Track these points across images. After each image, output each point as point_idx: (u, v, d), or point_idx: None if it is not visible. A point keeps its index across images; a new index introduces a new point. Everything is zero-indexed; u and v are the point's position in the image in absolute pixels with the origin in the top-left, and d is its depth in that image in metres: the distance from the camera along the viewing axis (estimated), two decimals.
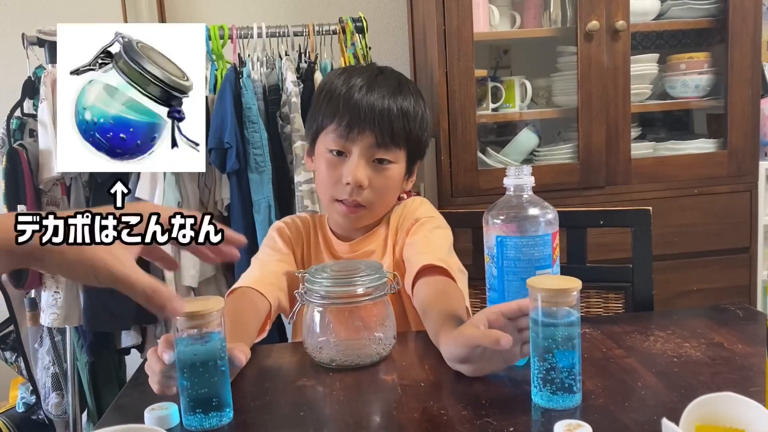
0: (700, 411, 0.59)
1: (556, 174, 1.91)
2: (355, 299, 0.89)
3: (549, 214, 0.84)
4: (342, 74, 1.15)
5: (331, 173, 1.11)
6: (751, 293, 2.00)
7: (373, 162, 1.10)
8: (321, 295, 0.89)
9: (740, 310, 1.04)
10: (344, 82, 1.11)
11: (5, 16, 2.23)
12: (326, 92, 1.13)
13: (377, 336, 0.91)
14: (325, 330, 0.91)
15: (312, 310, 0.92)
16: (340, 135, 1.09)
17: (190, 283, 1.80)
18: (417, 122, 1.13)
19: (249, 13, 2.28)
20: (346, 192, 1.10)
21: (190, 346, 0.73)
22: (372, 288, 0.89)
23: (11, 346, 1.99)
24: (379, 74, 1.14)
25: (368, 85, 1.10)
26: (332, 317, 0.91)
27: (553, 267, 0.83)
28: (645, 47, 2.21)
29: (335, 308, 0.90)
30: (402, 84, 1.14)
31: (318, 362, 0.90)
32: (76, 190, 1.80)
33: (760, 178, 1.97)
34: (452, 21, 1.82)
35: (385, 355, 0.91)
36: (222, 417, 0.75)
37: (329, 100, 1.11)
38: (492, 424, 0.70)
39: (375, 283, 0.90)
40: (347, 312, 0.90)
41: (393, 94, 1.10)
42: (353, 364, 0.89)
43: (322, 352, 0.90)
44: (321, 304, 0.90)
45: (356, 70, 1.15)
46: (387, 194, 1.14)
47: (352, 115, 1.08)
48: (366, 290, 0.89)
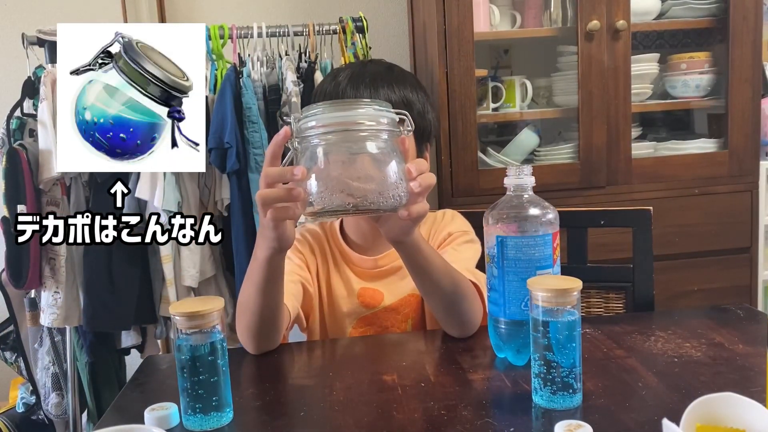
0: (700, 411, 0.59)
1: (556, 174, 1.91)
2: (358, 126, 0.76)
3: (549, 214, 0.84)
4: (330, 73, 1.14)
5: None
6: (751, 293, 2.00)
7: None
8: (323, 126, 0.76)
9: (741, 310, 1.04)
10: (331, 80, 1.10)
11: (5, 16, 2.23)
12: (318, 95, 1.12)
13: (392, 174, 0.77)
14: (335, 167, 0.76)
15: (313, 150, 0.77)
16: None
17: (190, 283, 1.80)
18: (414, 106, 1.08)
19: (249, 13, 2.28)
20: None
21: (190, 346, 0.73)
22: (377, 116, 0.77)
23: (11, 346, 1.99)
24: (368, 63, 1.13)
25: (357, 75, 1.08)
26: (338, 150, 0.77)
27: (553, 267, 0.83)
28: (645, 47, 2.21)
29: (342, 135, 0.76)
30: (393, 68, 1.11)
31: (332, 211, 0.76)
32: (76, 190, 1.80)
33: (760, 178, 1.97)
34: (452, 21, 1.82)
35: (400, 200, 0.77)
36: (222, 417, 0.75)
37: (323, 96, 1.10)
38: (492, 424, 0.70)
39: (381, 116, 0.77)
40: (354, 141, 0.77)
41: (383, 79, 1.07)
42: (374, 206, 0.75)
43: (333, 196, 0.75)
44: (322, 136, 0.76)
45: (345, 66, 1.14)
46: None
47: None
48: (370, 117, 0.76)
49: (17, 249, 1.71)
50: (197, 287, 1.83)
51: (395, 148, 0.79)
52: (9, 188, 1.71)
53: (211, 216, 1.58)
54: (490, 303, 0.88)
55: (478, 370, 0.87)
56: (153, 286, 1.86)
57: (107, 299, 1.77)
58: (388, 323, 1.13)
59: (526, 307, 0.82)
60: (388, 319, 1.14)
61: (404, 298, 1.14)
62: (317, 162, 0.76)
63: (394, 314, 1.14)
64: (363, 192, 0.75)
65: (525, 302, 0.82)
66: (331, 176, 0.75)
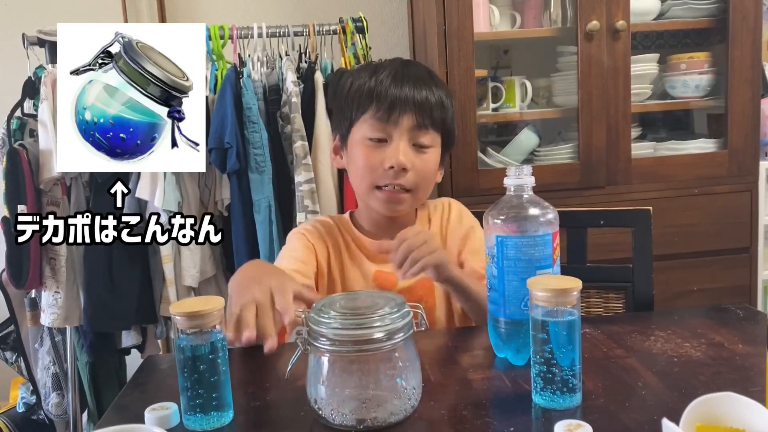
0: (700, 411, 0.59)
1: (556, 174, 1.91)
2: (372, 344, 0.70)
3: (549, 214, 0.83)
4: (365, 70, 1.15)
5: (371, 159, 1.10)
6: (751, 293, 2.00)
7: (413, 146, 1.10)
8: (330, 339, 0.71)
9: (740, 310, 1.04)
10: (371, 76, 1.12)
11: (5, 16, 2.23)
12: (355, 89, 1.13)
13: (401, 386, 0.73)
14: (338, 382, 0.72)
15: (318, 357, 0.73)
16: (380, 119, 1.09)
17: (191, 283, 1.80)
18: (449, 112, 1.14)
19: (249, 13, 2.28)
20: (389, 177, 1.09)
21: (191, 346, 0.73)
22: (394, 329, 0.71)
23: (11, 346, 1.99)
24: (408, 65, 1.15)
25: (401, 73, 1.11)
26: (345, 366, 0.72)
27: (553, 267, 0.83)
28: (645, 47, 2.21)
29: (348, 356, 0.71)
30: (432, 75, 1.16)
31: (332, 425, 0.72)
32: (76, 190, 1.80)
33: (760, 178, 1.97)
34: (452, 21, 1.82)
35: (414, 408, 0.74)
36: (222, 417, 0.75)
37: (361, 95, 1.11)
38: (492, 424, 0.70)
39: (398, 323, 0.72)
40: (363, 359, 0.72)
41: (425, 83, 1.11)
42: (380, 424, 0.71)
43: (335, 410, 0.72)
44: (330, 350, 0.71)
45: (380, 65, 1.15)
46: (427, 179, 1.14)
47: (392, 99, 1.08)
48: (386, 332, 0.71)
49: (18, 249, 1.71)
50: (197, 287, 1.84)
51: (411, 347, 0.75)
52: (9, 188, 1.71)
53: (211, 216, 1.59)
54: (489, 303, 0.88)
55: (478, 370, 0.87)
56: (153, 286, 1.86)
57: (107, 299, 1.77)
58: None
59: (525, 307, 0.82)
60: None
61: (419, 281, 1.14)
62: (323, 371, 0.72)
63: (409, 296, 1.13)
64: (371, 413, 0.72)
65: (525, 302, 0.82)
66: (338, 392, 0.72)
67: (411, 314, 0.75)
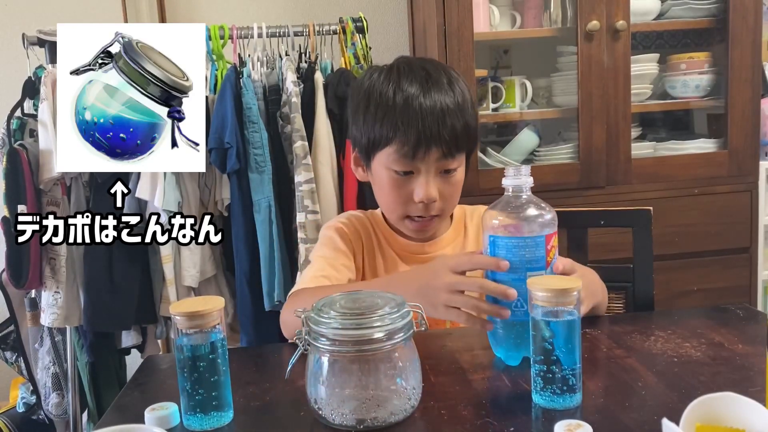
0: (700, 411, 0.59)
1: (556, 174, 1.91)
2: (372, 344, 0.70)
3: (546, 215, 0.82)
4: (388, 78, 1.07)
5: (400, 192, 1.07)
6: (751, 293, 2.00)
7: (440, 174, 1.07)
8: (330, 339, 0.71)
9: (740, 310, 1.04)
10: (395, 90, 1.04)
11: (5, 16, 2.23)
12: (376, 101, 1.06)
13: (401, 386, 0.73)
14: (338, 382, 0.72)
15: (318, 357, 0.73)
16: (406, 155, 1.03)
17: (191, 283, 1.80)
18: (471, 114, 1.08)
19: (249, 13, 2.28)
20: (419, 210, 1.07)
21: (191, 346, 0.73)
22: (394, 329, 0.71)
23: (12, 346, 1.99)
24: (429, 78, 1.06)
25: (424, 94, 1.03)
26: (347, 365, 0.72)
27: (546, 269, 0.82)
28: (645, 47, 2.21)
29: (348, 356, 0.71)
30: (451, 78, 1.08)
31: (332, 425, 0.72)
32: (76, 190, 1.80)
33: (760, 178, 1.97)
34: (452, 21, 1.82)
35: (414, 408, 0.74)
36: (222, 417, 0.75)
37: (385, 114, 1.04)
38: (492, 424, 0.70)
39: (398, 323, 0.72)
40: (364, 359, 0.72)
41: (447, 94, 1.05)
42: (380, 424, 0.71)
43: (335, 410, 0.72)
44: (330, 350, 0.71)
45: (403, 74, 1.07)
46: (455, 198, 1.12)
47: (417, 134, 1.02)
48: (386, 332, 0.71)
49: (18, 249, 1.71)
50: (197, 287, 1.84)
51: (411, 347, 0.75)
52: (9, 188, 1.72)
53: (211, 216, 1.59)
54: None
55: (478, 370, 0.87)
56: (153, 286, 1.86)
57: (107, 299, 1.77)
58: None
59: (516, 308, 0.82)
60: None
61: None
62: (323, 370, 0.72)
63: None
64: (371, 413, 0.71)
65: (515, 303, 0.82)
66: (338, 392, 0.72)
67: (411, 314, 0.74)
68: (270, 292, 1.78)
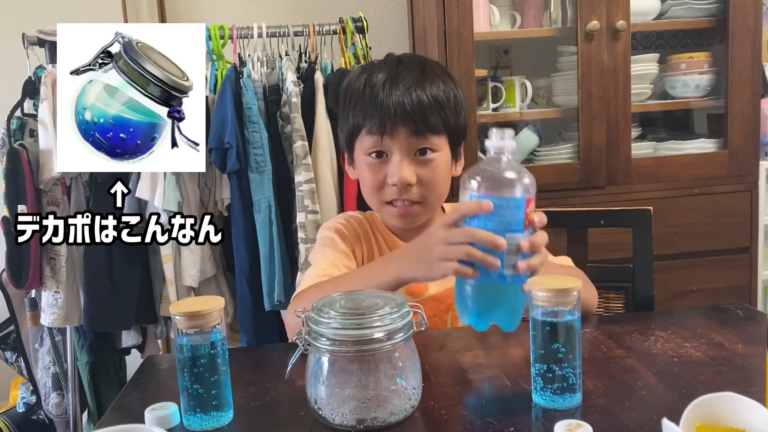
0: (700, 411, 0.59)
1: (556, 174, 1.91)
2: (372, 344, 0.70)
3: (525, 179, 0.80)
4: (362, 74, 1.10)
5: (375, 176, 1.07)
6: (751, 293, 2.00)
7: (415, 156, 1.06)
8: (330, 339, 0.71)
9: (740, 310, 1.04)
10: (366, 82, 1.07)
11: (5, 16, 2.23)
12: (350, 95, 1.09)
13: (401, 386, 0.73)
14: (338, 382, 0.72)
15: (318, 357, 0.73)
16: (374, 133, 1.05)
17: (191, 283, 1.80)
18: (450, 106, 1.07)
19: (249, 13, 2.28)
20: (394, 193, 1.06)
21: (191, 345, 0.73)
22: (394, 329, 0.71)
23: (12, 346, 1.99)
24: (399, 64, 1.09)
25: (391, 79, 1.05)
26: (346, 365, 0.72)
27: (524, 232, 0.80)
28: (645, 47, 2.21)
29: (348, 356, 0.71)
30: (426, 69, 1.08)
31: (332, 425, 0.72)
32: (76, 190, 1.80)
33: (760, 178, 1.97)
34: (452, 21, 1.82)
35: (414, 408, 0.74)
36: (222, 417, 0.75)
37: (354, 104, 1.07)
38: (492, 424, 0.70)
39: (398, 323, 0.71)
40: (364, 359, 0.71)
41: (419, 83, 1.05)
42: (380, 424, 0.72)
43: (335, 410, 0.72)
44: (330, 350, 0.71)
45: (375, 67, 1.10)
46: (437, 186, 1.09)
47: (382, 114, 1.03)
48: (386, 332, 0.70)
49: (18, 249, 1.71)
50: (197, 287, 1.84)
51: (411, 347, 0.75)
52: (9, 188, 1.72)
53: (211, 216, 1.59)
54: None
55: (478, 370, 0.87)
56: (153, 286, 1.86)
57: (108, 299, 1.77)
58: (431, 312, 1.09)
59: (492, 270, 0.80)
60: (431, 308, 1.10)
61: (449, 289, 1.09)
62: (323, 370, 0.72)
63: (437, 304, 1.12)
64: (371, 413, 0.71)
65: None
66: (338, 392, 0.72)
67: (411, 314, 0.74)
68: (270, 292, 1.78)
